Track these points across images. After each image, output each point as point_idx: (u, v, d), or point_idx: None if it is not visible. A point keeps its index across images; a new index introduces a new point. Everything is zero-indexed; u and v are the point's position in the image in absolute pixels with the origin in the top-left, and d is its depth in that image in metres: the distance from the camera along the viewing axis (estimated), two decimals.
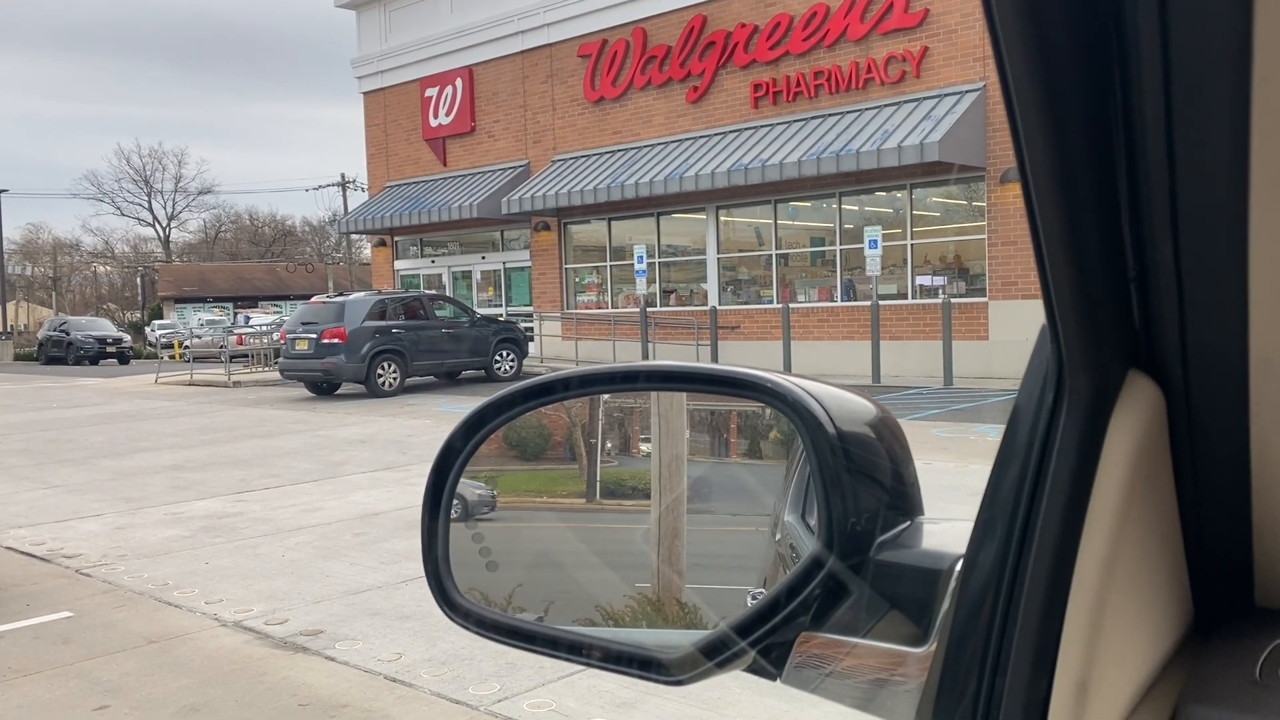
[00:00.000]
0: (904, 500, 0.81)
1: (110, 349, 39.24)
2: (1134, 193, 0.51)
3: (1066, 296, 0.53)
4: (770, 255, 20.24)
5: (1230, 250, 0.50)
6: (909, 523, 0.80)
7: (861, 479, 0.78)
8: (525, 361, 21.23)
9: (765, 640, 0.76)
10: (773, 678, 0.78)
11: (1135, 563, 0.59)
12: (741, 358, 19.40)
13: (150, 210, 70.22)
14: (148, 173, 68.96)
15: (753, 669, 0.78)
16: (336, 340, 18.44)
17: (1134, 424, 0.57)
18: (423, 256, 27.72)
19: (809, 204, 19.71)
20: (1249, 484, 0.62)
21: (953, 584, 0.70)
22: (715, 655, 0.77)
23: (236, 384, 22.91)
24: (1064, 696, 0.56)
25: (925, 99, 17.20)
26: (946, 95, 16.95)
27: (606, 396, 1.01)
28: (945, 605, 0.71)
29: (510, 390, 0.93)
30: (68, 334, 40.10)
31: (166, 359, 31.80)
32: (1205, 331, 0.55)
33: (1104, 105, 0.48)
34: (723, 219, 20.94)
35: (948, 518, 0.81)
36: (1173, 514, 0.64)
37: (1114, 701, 0.58)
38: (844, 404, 0.81)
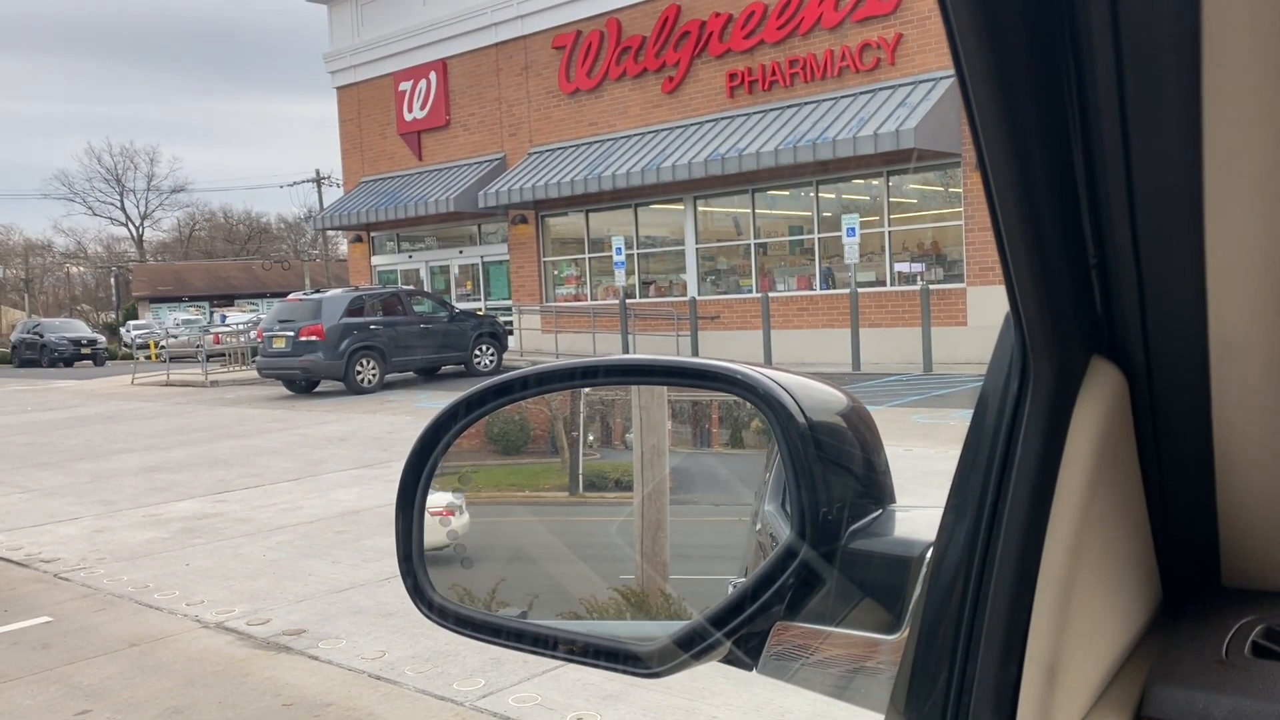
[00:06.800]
0: (875, 488, 0.82)
1: (85, 351, 38.82)
2: (1091, 181, 0.51)
3: (1028, 284, 0.54)
4: (749, 245, 20.27)
5: (1187, 235, 0.51)
6: (880, 510, 0.81)
7: (832, 468, 0.79)
8: (505, 355, 21.18)
9: (740, 631, 0.77)
10: (748, 668, 0.78)
11: (1102, 546, 0.60)
12: (722, 348, 19.44)
13: (123, 209, 69.39)
14: (119, 171, 68.12)
15: (729, 660, 0.79)
16: (314, 337, 18.31)
17: (1098, 409, 0.58)
18: (400, 252, 27.57)
19: (786, 193, 19.74)
20: (1213, 466, 0.62)
21: (924, 571, 0.71)
22: (691, 647, 0.77)
23: (214, 383, 22.73)
24: (1033, 681, 0.57)
25: (900, 86, 17.25)
26: (921, 82, 17.00)
27: (587, 390, 1.01)
28: (917, 592, 0.72)
29: (480, 387, 0.93)
30: (41, 336, 39.62)
31: (142, 360, 31.50)
32: (1166, 316, 0.56)
33: (1059, 94, 0.49)
34: (701, 209, 20.94)
35: (919, 505, 0.82)
36: (1138, 497, 0.64)
37: (1083, 685, 0.59)
38: (814, 394, 0.82)
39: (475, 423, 0.95)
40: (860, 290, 17.38)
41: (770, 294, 18.94)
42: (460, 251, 26.04)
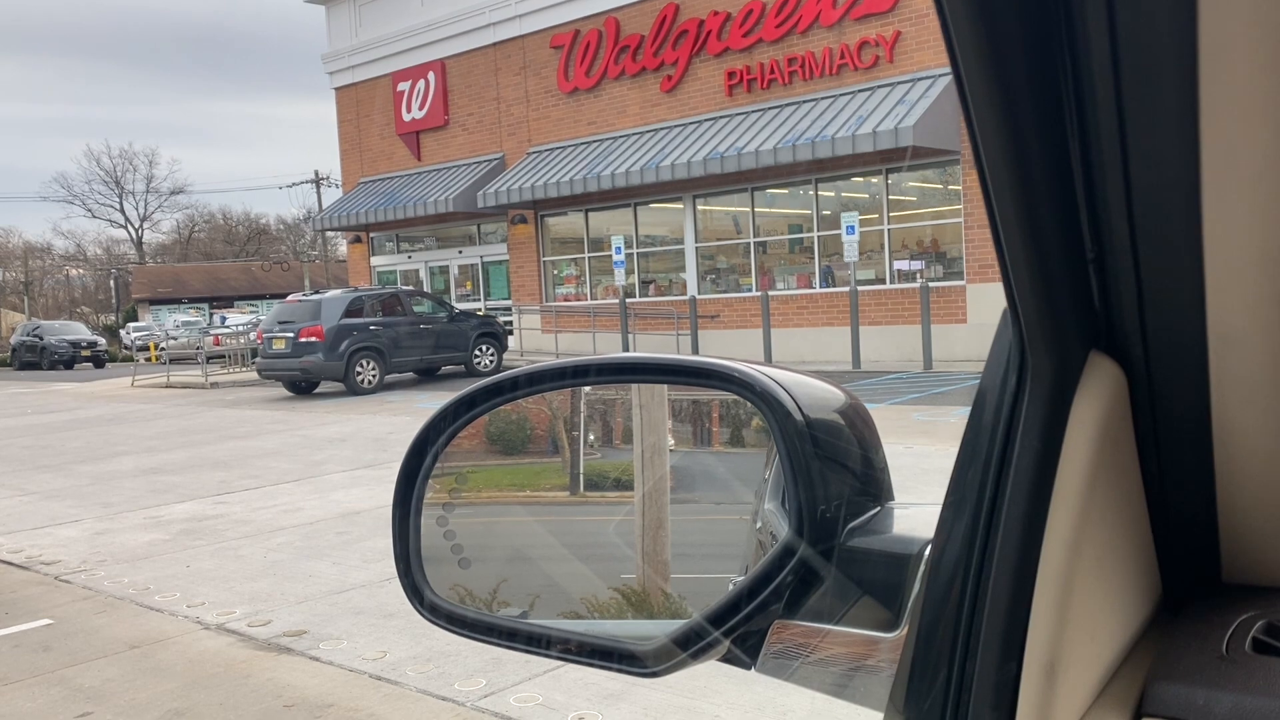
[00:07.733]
0: (873, 485, 0.81)
1: (85, 353, 38.85)
2: (1089, 176, 0.51)
3: (1026, 280, 0.53)
4: (748, 243, 20.26)
5: (1185, 229, 0.51)
6: (879, 508, 0.80)
7: (830, 465, 0.78)
8: (505, 356, 21.17)
9: (738, 629, 0.76)
10: (747, 667, 0.78)
11: (1102, 543, 0.60)
12: (722, 347, 19.44)
13: (122, 212, 69.39)
14: (119, 174, 68.22)
15: (727, 659, 0.78)
16: (314, 338, 18.31)
17: (1096, 404, 0.58)
18: (399, 252, 27.57)
19: (786, 191, 19.73)
20: (1212, 461, 0.62)
21: (922, 568, 0.70)
22: (689, 646, 0.77)
23: (214, 385, 22.73)
24: (1033, 678, 0.56)
25: (899, 83, 17.24)
26: (920, 79, 16.99)
27: (588, 389, 1.01)
28: (915, 589, 0.71)
29: (473, 388, 0.93)
30: (41, 339, 39.65)
31: (142, 361, 31.50)
32: (1164, 311, 0.56)
33: (1055, 90, 0.48)
34: (700, 208, 20.94)
35: (917, 502, 0.81)
36: (1138, 493, 0.64)
37: (1083, 682, 0.58)
38: (811, 391, 0.81)
39: (470, 423, 0.95)
40: (860, 288, 17.37)
41: (770, 292, 18.94)
42: (460, 252, 26.04)
